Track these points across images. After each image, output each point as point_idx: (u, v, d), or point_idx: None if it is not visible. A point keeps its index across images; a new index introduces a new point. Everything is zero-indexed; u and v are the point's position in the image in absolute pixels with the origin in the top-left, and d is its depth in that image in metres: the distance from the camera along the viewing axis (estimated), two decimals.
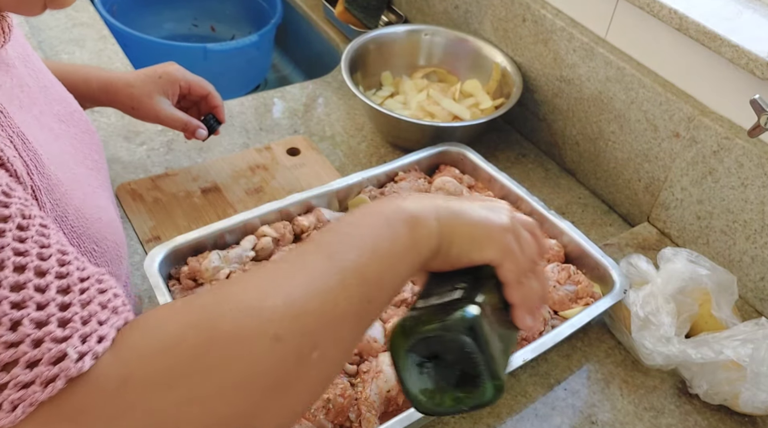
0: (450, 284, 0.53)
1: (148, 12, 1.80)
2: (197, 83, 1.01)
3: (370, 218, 0.50)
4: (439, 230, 0.51)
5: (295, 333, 0.41)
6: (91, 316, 0.38)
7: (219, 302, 0.42)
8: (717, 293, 0.87)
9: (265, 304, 0.41)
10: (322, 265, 0.45)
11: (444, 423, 0.81)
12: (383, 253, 0.47)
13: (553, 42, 1.15)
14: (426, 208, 0.51)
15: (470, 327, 0.49)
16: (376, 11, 1.48)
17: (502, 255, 0.53)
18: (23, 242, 0.38)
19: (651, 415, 0.84)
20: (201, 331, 0.39)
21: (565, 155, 1.22)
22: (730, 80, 0.93)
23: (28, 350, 0.35)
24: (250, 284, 0.44)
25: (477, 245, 0.52)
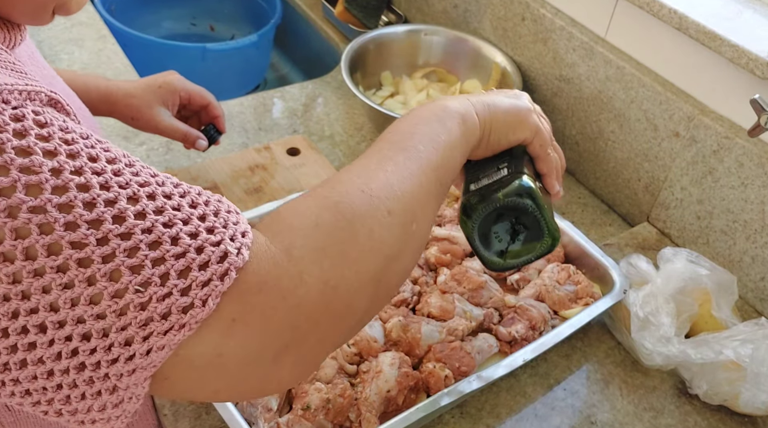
0: (493, 166, 0.64)
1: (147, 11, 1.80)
2: (197, 93, 1.01)
3: (424, 118, 0.59)
4: (481, 121, 0.61)
5: (400, 208, 0.51)
6: (226, 221, 0.44)
7: (336, 191, 0.49)
8: (717, 294, 0.87)
9: (372, 186, 0.50)
10: (401, 157, 0.54)
11: (443, 423, 0.80)
12: (443, 144, 0.57)
13: (553, 41, 1.15)
14: (467, 105, 0.61)
15: (528, 191, 0.61)
16: (375, 11, 1.48)
17: (532, 134, 0.64)
18: (138, 175, 0.43)
19: (651, 415, 0.84)
20: (332, 210, 0.48)
21: (565, 155, 1.21)
22: (730, 80, 0.93)
23: (195, 256, 0.41)
24: (353, 175, 0.51)
25: (512, 129, 0.63)
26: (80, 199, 0.39)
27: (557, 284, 0.91)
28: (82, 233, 0.38)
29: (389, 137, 0.58)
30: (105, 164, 0.41)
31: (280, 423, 0.73)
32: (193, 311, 0.40)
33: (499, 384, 0.85)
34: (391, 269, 0.50)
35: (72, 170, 0.39)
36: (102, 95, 0.95)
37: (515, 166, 0.63)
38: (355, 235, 0.47)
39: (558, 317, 0.89)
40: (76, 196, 0.39)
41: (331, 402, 0.74)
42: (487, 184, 0.63)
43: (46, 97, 0.43)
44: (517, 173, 0.62)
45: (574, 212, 1.14)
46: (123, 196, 0.40)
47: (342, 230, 0.47)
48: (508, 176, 0.62)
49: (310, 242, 0.46)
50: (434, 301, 0.86)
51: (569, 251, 0.97)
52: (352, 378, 0.79)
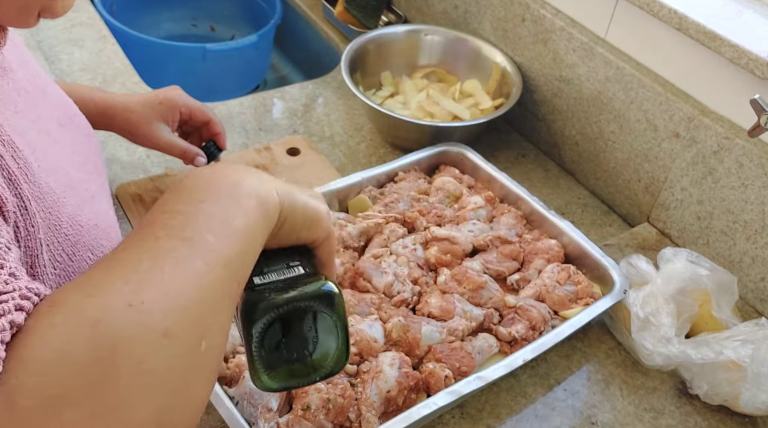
0: (280, 261, 0.53)
1: (147, 12, 1.80)
2: (198, 109, 1.00)
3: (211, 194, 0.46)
4: (281, 203, 0.50)
5: (181, 326, 0.39)
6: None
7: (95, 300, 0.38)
8: (717, 294, 0.87)
9: (143, 298, 0.38)
10: (184, 252, 0.42)
11: (443, 423, 0.80)
12: (239, 231, 0.45)
13: (553, 42, 1.15)
14: (264, 183, 0.50)
15: (331, 295, 0.51)
16: (375, 11, 1.48)
17: (325, 236, 0.55)
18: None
19: (651, 416, 0.84)
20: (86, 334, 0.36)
21: (565, 155, 1.21)
22: (730, 80, 0.93)
23: None
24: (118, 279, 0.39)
25: (308, 225, 0.53)
26: None
27: (557, 285, 0.91)
28: None
29: (165, 219, 0.44)
30: None
31: (280, 423, 0.73)
32: None
33: (499, 384, 0.85)
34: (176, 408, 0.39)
35: None
36: (99, 109, 0.94)
37: (311, 266, 0.54)
38: (116, 370, 0.35)
39: (558, 317, 0.89)
40: None
41: (331, 402, 0.74)
42: (278, 279, 0.52)
43: None
44: (317, 275, 0.53)
45: (574, 213, 1.14)
46: None
47: (98, 364, 0.35)
48: (305, 276, 0.52)
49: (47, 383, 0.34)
50: (434, 301, 0.86)
51: (569, 251, 0.97)
52: (352, 378, 0.79)
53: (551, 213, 0.99)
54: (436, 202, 1.02)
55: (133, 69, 1.31)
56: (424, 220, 0.98)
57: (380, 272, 0.89)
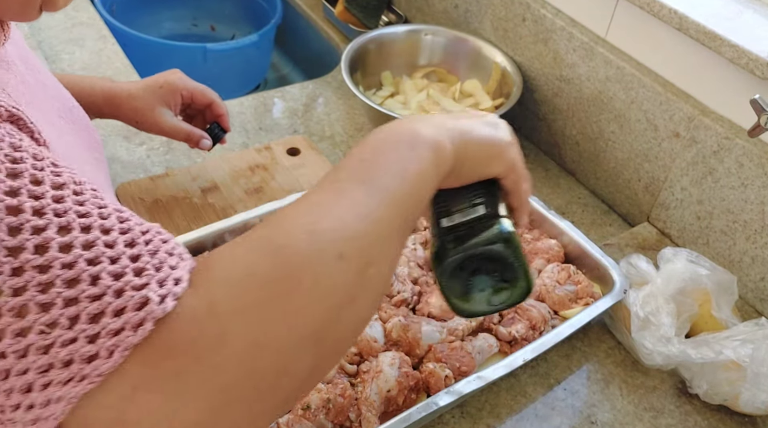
0: (466, 200, 0.59)
1: (147, 12, 1.80)
2: (200, 92, 1.00)
3: (390, 144, 0.52)
4: (454, 151, 0.55)
5: (354, 251, 0.44)
6: (162, 263, 0.40)
7: (278, 231, 0.44)
8: (717, 294, 0.87)
9: (321, 227, 0.44)
10: (360, 191, 0.48)
11: (444, 423, 0.81)
12: (411, 176, 0.51)
13: (553, 42, 1.15)
14: (440, 131, 0.55)
15: (507, 239, 0.57)
16: (376, 11, 1.48)
17: (508, 169, 0.59)
18: (82, 205, 0.40)
19: (651, 415, 0.84)
20: (270, 256, 0.42)
21: (565, 155, 1.21)
22: (730, 80, 0.93)
23: (112, 300, 0.37)
24: (301, 213, 0.46)
25: (487, 162, 0.58)
26: (6, 222, 0.36)
27: (557, 284, 0.91)
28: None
29: (350, 163, 0.51)
30: (48, 188, 0.39)
31: (279, 423, 0.73)
32: (96, 362, 0.36)
33: (500, 384, 0.85)
34: (340, 321, 0.44)
35: (7, 190, 0.37)
36: (107, 98, 0.94)
37: (492, 205, 0.58)
38: (296, 285, 0.41)
39: (558, 317, 0.90)
40: (2, 219, 0.36)
41: (331, 401, 0.74)
42: (462, 222, 0.58)
43: (6, 113, 0.42)
44: (496, 216, 0.58)
45: (574, 212, 1.14)
46: (54, 224, 0.38)
47: (280, 281, 0.41)
48: (486, 218, 0.58)
49: (238, 294, 0.40)
50: (434, 301, 0.86)
51: (569, 251, 0.97)
52: (352, 377, 0.79)
53: (551, 213, 0.99)
54: None
55: (133, 69, 1.31)
56: (424, 220, 0.98)
57: None
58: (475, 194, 0.59)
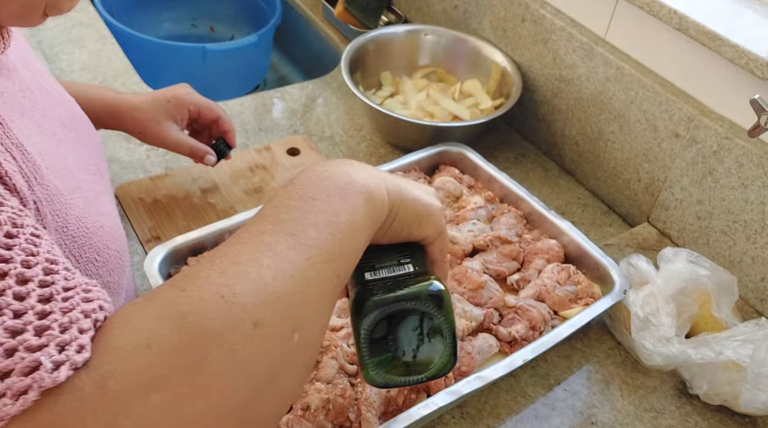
0: (393, 258, 0.55)
1: (147, 12, 1.80)
2: (207, 107, 0.99)
3: (321, 190, 0.48)
4: (389, 201, 0.51)
5: (274, 317, 0.40)
6: (72, 323, 0.36)
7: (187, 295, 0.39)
8: (717, 294, 0.87)
9: (236, 290, 0.40)
10: (285, 244, 0.43)
11: (443, 423, 0.80)
12: (343, 227, 0.47)
13: (553, 42, 1.15)
14: (376, 179, 0.51)
15: (439, 297, 0.52)
16: (375, 11, 1.48)
17: (437, 234, 0.56)
18: (9, 249, 0.37)
19: (651, 416, 0.84)
20: (175, 324, 0.37)
21: (565, 155, 1.21)
22: (730, 80, 0.93)
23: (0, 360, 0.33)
24: (214, 273, 0.41)
25: (418, 222, 0.54)
26: None
27: (557, 285, 0.91)
28: None
29: (275, 211, 0.46)
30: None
31: (279, 424, 0.72)
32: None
33: (499, 385, 0.85)
34: (262, 398, 0.39)
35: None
36: (108, 109, 0.94)
37: (420, 264, 0.55)
38: (203, 358, 0.37)
39: (558, 317, 0.89)
40: None
41: (331, 402, 0.74)
42: (388, 276, 0.53)
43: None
44: (427, 274, 0.54)
45: (574, 213, 1.14)
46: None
47: (185, 352, 0.36)
48: (415, 275, 0.53)
49: (135, 368, 0.36)
50: None
51: (569, 251, 0.97)
52: (352, 378, 0.79)
53: (551, 213, 0.99)
54: None
55: (133, 69, 1.31)
56: None
57: None
58: (402, 254, 0.55)
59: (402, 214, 0.53)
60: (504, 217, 1.01)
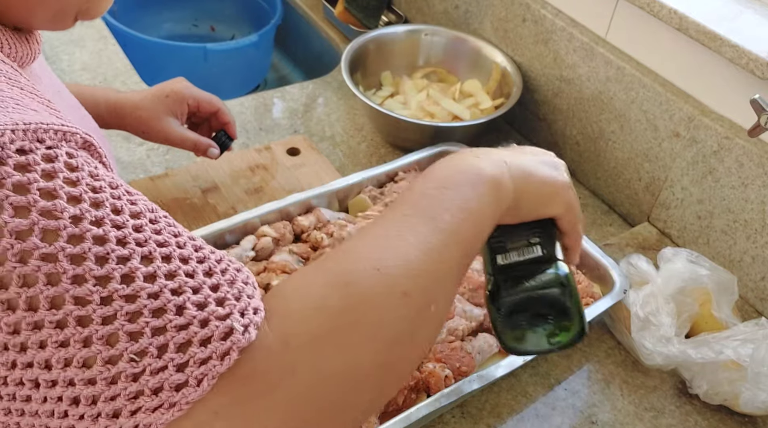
0: (523, 238, 0.60)
1: (148, 12, 1.80)
2: (206, 100, 0.99)
3: (454, 181, 0.54)
4: (515, 189, 0.56)
5: (418, 289, 0.46)
6: (240, 292, 0.41)
7: (347, 266, 0.46)
8: (717, 293, 0.87)
9: (388, 264, 0.46)
10: (425, 227, 0.49)
11: (444, 423, 0.80)
12: (472, 213, 0.52)
13: (553, 42, 1.15)
14: (501, 168, 0.56)
15: (563, 283, 0.58)
16: (375, 11, 1.48)
17: (565, 210, 0.61)
18: (159, 233, 0.40)
19: (651, 415, 0.84)
20: (340, 291, 0.44)
21: (565, 155, 1.21)
22: (730, 80, 0.93)
23: (198, 330, 0.38)
24: (369, 248, 0.48)
25: (544, 202, 0.59)
26: (93, 252, 0.37)
27: None
28: (87, 289, 0.36)
29: (414, 198, 0.53)
30: (128, 217, 0.39)
31: None
32: (185, 391, 0.37)
33: (500, 384, 0.85)
34: (402, 355, 0.46)
35: (92, 219, 0.38)
36: (111, 109, 0.93)
37: (548, 246, 0.60)
38: (362, 319, 0.44)
39: None
40: (90, 248, 0.37)
41: None
42: (518, 261, 0.60)
43: (81, 140, 0.41)
44: (553, 258, 0.59)
45: None
46: (137, 254, 0.38)
47: (348, 314, 0.43)
48: (542, 260, 0.59)
49: (310, 327, 0.42)
50: None
51: None
52: None
53: None
54: None
55: (133, 69, 1.31)
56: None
57: None
58: (532, 233, 0.60)
59: (528, 198, 0.58)
60: None
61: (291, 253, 0.91)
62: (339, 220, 0.96)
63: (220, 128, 1.02)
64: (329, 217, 0.97)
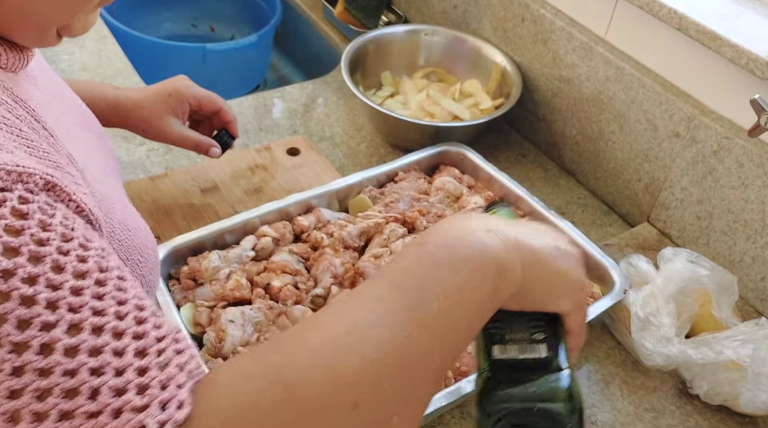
0: (525, 330, 0.52)
1: (147, 12, 1.80)
2: (207, 99, 0.98)
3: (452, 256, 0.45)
4: (524, 276, 0.48)
5: (374, 399, 0.39)
6: (169, 380, 0.37)
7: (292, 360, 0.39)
8: (717, 294, 0.87)
9: (341, 365, 0.38)
10: (401, 318, 0.41)
11: (444, 423, 0.80)
12: (468, 302, 0.44)
13: (553, 42, 1.15)
14: (512, 252, 0.47)
15: (568, 398, 0.49)
16: (375, 11, 1.48)
17: (574, 308, 0.53)
18: (101, 299, 0.37)
19: (651, 416, 0.84)
20: (278, 394, 0.37)
21: (565, 155, 1.21)
22: (730, 80, 0.93)
23: (108, 421, 0.34)
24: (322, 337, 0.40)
25: (554, 295, 0.51)
26: (16, 314, 0.34)
27: None
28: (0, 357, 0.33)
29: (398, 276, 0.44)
30: (69, 277, 0.36)
31: None
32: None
33: None
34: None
35: (25, 276, 0.35)
36: (112, 107, 0.92)
37: (554, 346, 0.51)
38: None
39: None
40: (13, 309, 0.34)
41: None
42: (517, 359, 0.50)
43: (41, 181, 0.38)
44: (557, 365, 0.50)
45: (574, 213, 1.14)
46: (65, 322, 0.35)
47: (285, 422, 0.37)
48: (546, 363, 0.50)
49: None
50: None
51: None
52: None
53: (551, 213, 0.99)
54: (436, 202, 1.02)
55: (133, 69, 1.31)
56: (424, 220, 0.98)
57: None
58: (536, 327, 0.52)
59: (537, 288, 0.50)
60: None
61: (291, 253, 0.91)
62: (339, 220, 0.96)
63: (221, 127, 1.02)
64: (329, 217, 0.97)
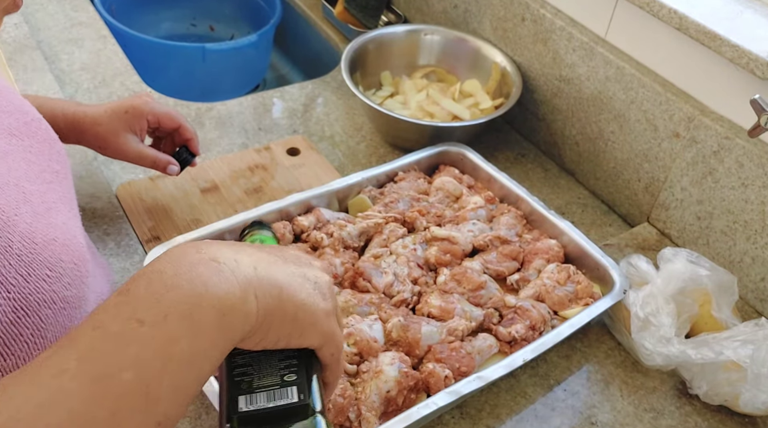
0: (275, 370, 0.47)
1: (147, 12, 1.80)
2: (166, 116, 0.97)
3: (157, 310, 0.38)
4: (257, 312, 0.43)
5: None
6: None
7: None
8: (717, 294, 0.87)
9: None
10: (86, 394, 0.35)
11: (444, 423, 0.80)
12: (179, 358, 0.38)
13: (553, 42, 1.15)
14: (243, 284, 0.42)
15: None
16: (375, 11, 1.48)
17: (323, 341, 0.48)
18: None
19: (651, 416, 0.84)
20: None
21: (565, 155, 1.21)
22: (730, 80, 0.93)
23: None
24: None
25: (299, 331, 0.46)
26: None
27: (557, 285, 0.91)
28: None
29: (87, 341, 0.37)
30: None
31: None
32: None
33: (499, 385, 0.85)
34: None
35: None
36: (69, 123, 0.92)
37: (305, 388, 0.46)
38: None
39: (558, 317, 0.89)
40: None
41: (331, 402, 0.74)
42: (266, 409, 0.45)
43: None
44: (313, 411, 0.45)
45: (574, 213, 1.14)
46: None
47: None
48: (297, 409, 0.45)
49: None
50: (434, 301, 0.86)
51: (569, 251, 0.97)
52: (352, 378, 0.79)
53: (551, 213, 0.99)
54: (436, 202, 1.02)
55: (132, 69, 1.31)
56: (424, 220, 0.98)
57: (380, 272, 0.89)
58: (288, 366, 0.47)
59: (278, 323, 0.44)
60: (504, 217, 1.00)
61: None
62: (339, 220, 0.96)
63: (182, 144, 1.00)
64: (329, 217, 0.97)
